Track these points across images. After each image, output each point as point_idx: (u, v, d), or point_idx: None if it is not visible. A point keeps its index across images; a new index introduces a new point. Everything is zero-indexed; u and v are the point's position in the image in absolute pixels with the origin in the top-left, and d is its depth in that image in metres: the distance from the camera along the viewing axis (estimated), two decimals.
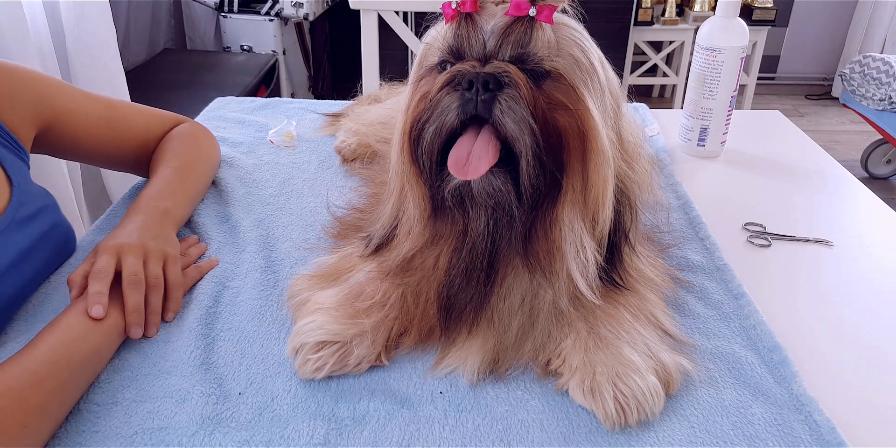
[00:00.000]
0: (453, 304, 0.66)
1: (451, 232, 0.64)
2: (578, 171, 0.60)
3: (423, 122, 0.60)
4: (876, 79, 2.65)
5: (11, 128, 0.80)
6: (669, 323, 0.72)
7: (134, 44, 2.72)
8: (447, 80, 0.59)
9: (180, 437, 0.60)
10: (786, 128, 1.31)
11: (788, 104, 3.88)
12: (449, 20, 0.62)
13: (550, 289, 0.65)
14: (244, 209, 0.97)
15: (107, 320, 0.68)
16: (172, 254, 0.78)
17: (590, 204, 0.62)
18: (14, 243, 0.75)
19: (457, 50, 0.61)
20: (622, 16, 3.14)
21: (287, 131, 1.21)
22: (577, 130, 0.60)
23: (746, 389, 0.66)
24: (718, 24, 1.08)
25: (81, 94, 0.91)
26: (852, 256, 0.90)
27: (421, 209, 0.64)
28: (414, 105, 0.63)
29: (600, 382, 0.62)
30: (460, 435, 0.61)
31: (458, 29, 0.61)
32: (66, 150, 0.93)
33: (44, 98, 0.84)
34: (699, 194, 1.02)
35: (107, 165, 1.04)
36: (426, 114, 0.60)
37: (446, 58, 0.62)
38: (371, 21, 1.80)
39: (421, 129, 0.61)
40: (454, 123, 0.59)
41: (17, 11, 1.47)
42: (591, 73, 0.61)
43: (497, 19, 0.60)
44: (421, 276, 0.67)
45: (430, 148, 0.60)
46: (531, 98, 0.58)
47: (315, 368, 0.66)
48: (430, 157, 0.61)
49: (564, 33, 0.61)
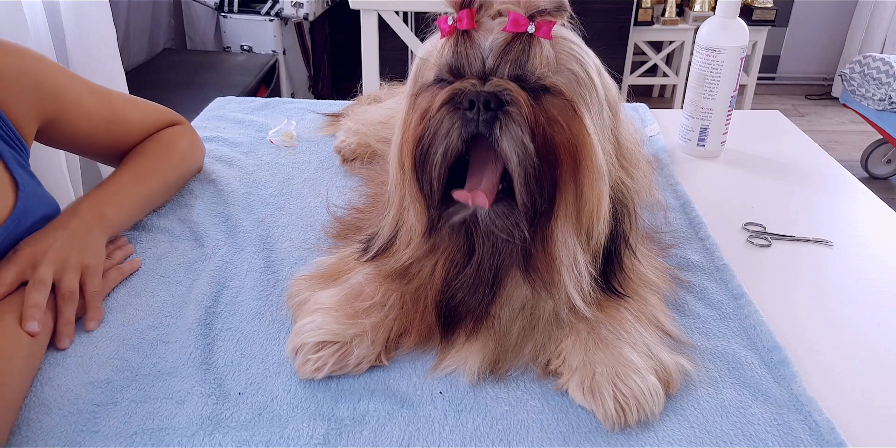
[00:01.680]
0: (453, 313, 0.66)
1: (449, 244, 0.64)
2: (572, 187, 0.60)
3: (426, 142, 0.59)
4: (876, 79, 2.65)
5: (15, 122, 0.79)
6: (669, 323, 0.72)
7: (134, 44, 2.71)
8: (447, 99, 0.58)
9: (180, 437, 0.60)
10: (786, 128, 1.31)
11: (788, 104, 3.88)
12: (445, 36, 0.61)
13: (551, 300, 0.65)
14: (244, 209, 0.97)
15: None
16: (93, 264, 0.77)
17: (584, 219, 0.62)
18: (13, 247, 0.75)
19: (455, 68, 0.60)
20: (622, 16, 3.14)
21: (287, 131, 1.21)
22: (572, 147, 0.60)
23: (746, 389, 0.66)
24: (718, 24, 1.08)
25: (86, 90, 0.90)
26: (852, 256, 0.90)
27: (421, 223, 0.64)
28: (414, 123, 0.62)
29: (600, 382, 0.62)
30: (460, 435, 0.61)
31: (456, 46, 0.60)
32: (60, 145, 0.94)
33: (51, 93, 0.84)
34: (699, 194, 1.02)
35: (97, 159, 1.05)
36: (428, 134, 0.59)
37: (444, 75, 0.61)
38: (371, 21, 1.80)
39: (425, 151, 0.60)
40: (458, 146, 0.58)
41: (17, 11, 1.46)
42: (590, 88, 0.61)
43: (495, 36, 0.59)
44: (419, 284, 0.67)
45: (437, 172, 0.59)
46: (532, 117, 0.58)
47: (315, 368, 0.66)
48: (438, 181, 0.60)
49: (563, 48, 0.61)
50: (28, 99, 0.80)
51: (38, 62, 0.84)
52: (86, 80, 0.92)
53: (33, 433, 0.60)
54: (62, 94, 0.85)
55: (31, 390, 0.65)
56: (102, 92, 0.94)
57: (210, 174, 1.05)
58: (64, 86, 0.86)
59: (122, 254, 0.85)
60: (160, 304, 0.78)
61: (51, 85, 0.84)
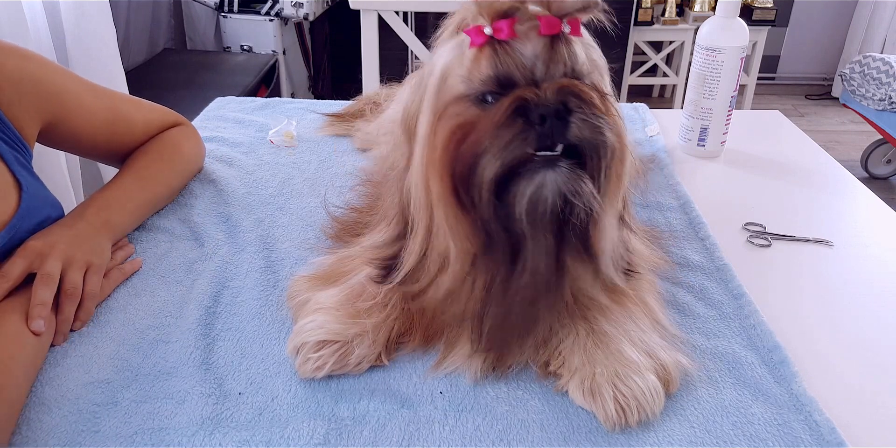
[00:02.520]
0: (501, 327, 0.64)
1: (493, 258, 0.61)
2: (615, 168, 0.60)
3: (473, 157, 0.56)
4: (876, 79, 2.65)
5: (17, 124, 0.79)
6: (668, 322, 0.72)
7: (134, 44, 2.71)
8: (512, 112, 0.55)
9: (180, 437, 0.60)
10: (786, 128, 1.31)
11: (788, 104, 3.88)
12: (476, 46, 0.57)
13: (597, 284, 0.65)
14: (244, 209, 0.97)
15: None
16: (97, 263, 0.77)
17: (619, 199, 0.62)
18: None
19: (504, 77, 0.57)
20: (622, 16, 3.14)
21: (287, 131, 1.21)
22: (617, 136, 0.59)
23: (746, 389, 0.66)
24: (718, 24, 1.08)
25: (88, 91, 0.90)
26: (852, 256, 0.90)
27: (464, 247, 0.60)
28: (445, 138, 0.58)
29: (600, 383, 0.62)
30: (460, 435, 0.61)
31: (498, 56, 0.57)
32: (63, 146, 0.94)
33: (53, 95, 0.83)
34: (699, 194, 1.02)
35: (99, 160, 1.05)
36: (478, 149, 0.56)
37: (489, 87, 0.58)
38: (371, 21, 1.80)
39: (471, 165, 0.57)
40: (525, 157, 0.56)
41: (17, 11, 1.46)
42: (605, 75, 0.62)
43: (534, 41, 0.57)
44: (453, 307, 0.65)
45: (489, 185, 0.56)
46: (604, 108, 0.57)
47: (315, 368, 0.66)
48: (488, 193, 0.57)
49: (586, 43, 0.61)
50: (29, 100, 0.80)
51: (39, 64, 0.83)
52: (87, 81, 0.92)
53: (33, 433, 0.60)
54: (63, 95, 0.85)
55: (31, 390, 0.65)
56: (104, 93, 0.93)
57: (210, 174, 1.05)
58: (65, 87, 0.86)
59: (124, 254, 0.85)
60: (160, 304, 0.78)
61: (52, 86, 0.84)
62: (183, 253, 0.87)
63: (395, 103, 1.08)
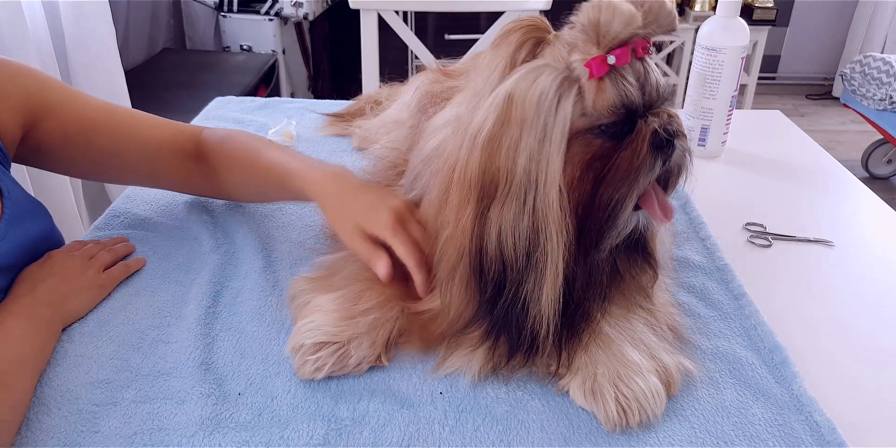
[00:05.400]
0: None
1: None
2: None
3: (607, 193, 0.59)
4: (876, 79, 2.65)
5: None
6: (671, 323, 0.71)
7: (133, 44, 2.71)
8: (650, 144, 0.58)
9: (180, 437, 0.60)
10: (786, 128, 1.31)
11: (789, 104, 3.88)
12: (597, 77, 0.56)
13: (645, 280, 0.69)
14: (244, 209, 0.97)
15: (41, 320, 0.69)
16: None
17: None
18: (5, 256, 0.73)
19: (627, 107, 0.58)
20: None
21: (287, 131, 1.20)
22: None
23: (747, 390, 0.65)
24: (719, 23, 1.08)
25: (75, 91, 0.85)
26: (853, 256, 0.89)
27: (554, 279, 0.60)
28: (576, 176, 0.58)
29: (601, 384, 0.62)
30: (460, 435, 0.61)
31: (618, 85, 0.57)
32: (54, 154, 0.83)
33: (33, 91, 0.79)
34: (699, 194, 1.02)
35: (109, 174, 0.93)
36: (621, 181, 0.58)
37: (617, 118, 0.58)
38: (371, 21, 1.80)
39: (596, 201, 0.59)
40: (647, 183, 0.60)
41: (16, 11, 1.46)
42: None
43: (634, 65, 0.58)
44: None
45: (610, 213, 0.60)
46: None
47: (314, 369, 0.65)
48: (612, 221, 0.60)
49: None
50: (9, 100, 0.76)
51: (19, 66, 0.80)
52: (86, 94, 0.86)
53: (33, 433, 0.60)
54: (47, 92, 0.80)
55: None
56: (100, 104, 0.85)
57: None
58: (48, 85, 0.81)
59: (126, 249, 0.85)
60: (160, 304, 0.78)
61: (35, 90, 0.79)
62: (183, 253, 0.87)
63: (397, 104, 1.08)
